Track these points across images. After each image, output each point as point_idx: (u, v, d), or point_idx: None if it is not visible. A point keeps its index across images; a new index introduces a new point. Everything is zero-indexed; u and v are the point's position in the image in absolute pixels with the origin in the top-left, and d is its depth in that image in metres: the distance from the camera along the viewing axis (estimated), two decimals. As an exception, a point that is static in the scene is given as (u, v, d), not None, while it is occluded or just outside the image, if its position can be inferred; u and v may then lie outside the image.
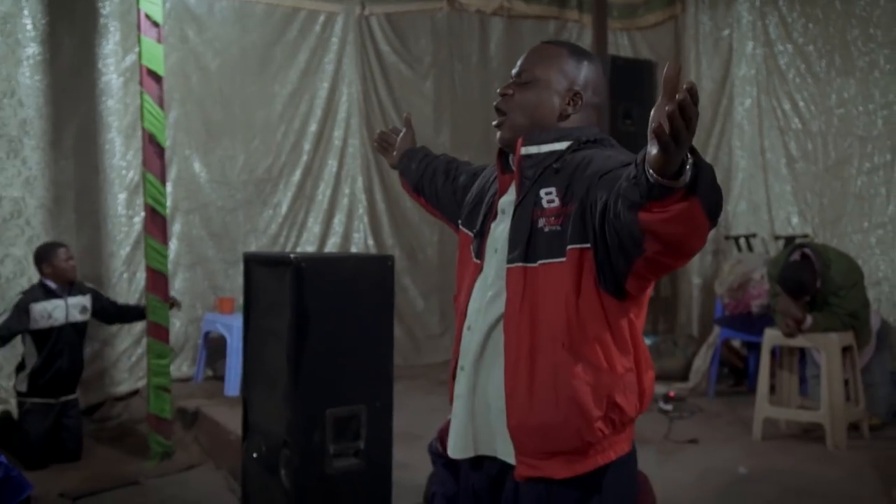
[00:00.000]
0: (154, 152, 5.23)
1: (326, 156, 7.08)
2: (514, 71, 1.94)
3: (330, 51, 7.06)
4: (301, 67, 6.94)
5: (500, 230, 1.91)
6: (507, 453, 1.87)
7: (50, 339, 5.16)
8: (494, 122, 1.94)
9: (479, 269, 1.95)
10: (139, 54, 5.15)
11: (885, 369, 5.18)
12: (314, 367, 3.14)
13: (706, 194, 1.47)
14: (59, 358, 5.24)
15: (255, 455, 3.37)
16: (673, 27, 7.34)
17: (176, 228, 6.44)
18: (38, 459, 5.09)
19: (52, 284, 5.19)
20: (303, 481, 3.14)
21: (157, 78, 5.16)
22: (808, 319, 4.71)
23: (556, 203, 1.80)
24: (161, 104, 5.22)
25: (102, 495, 4.76)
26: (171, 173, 6.31)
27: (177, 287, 6.39)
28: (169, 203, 6.12)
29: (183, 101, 6.42)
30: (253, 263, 3.41)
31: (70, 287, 5.27)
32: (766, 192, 6.62)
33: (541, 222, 1.81)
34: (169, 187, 6.19)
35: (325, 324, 3.15)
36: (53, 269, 5.17)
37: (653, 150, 1.41)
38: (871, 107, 5.98)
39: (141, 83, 5.16)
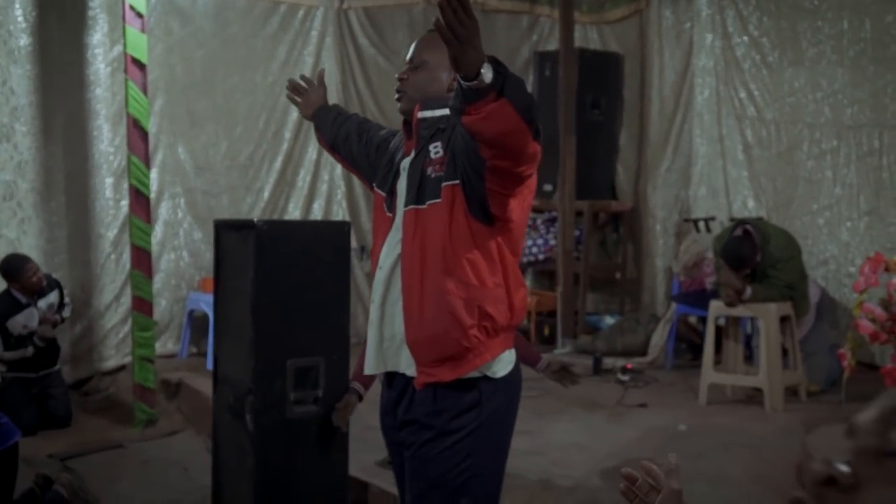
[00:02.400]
0: (138, 136, 5.56)
1: (306, 144, 7.39)
2: (407, 57, 2.32)
3: (309, 43, 7.38)
4: (281, 59, 7.26)
5: (401, 185, 2.28)
6: (409, 367, 2.23)
7: (27, 340, 5.49)
8: (396, 97, 2.31)
9: (392, 221, 2.29)
10: (124, 44, 5.47)
11: (825, 339, 5.51)
12: (275, 321, 3.44)
13: (514, 95, 1.81)
14: (38, 355, 5.57)
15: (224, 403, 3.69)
16: (638, 21, 7.66)
17: (161, 212, 6.75)
18: (28, 426, 5.40)
19: (20, 297, 5.49)
20: (266, 425, 3.44)
21: (140, 66, 5.49)
22: (748, 290, 5.04)
23: (441, 153, 2.17)
24: (145, 91, 5.55)
25: (88, 457, 5.09)
26: (157, 159, 6.63)
27: (162, 268, 6.72)
28: (155, 188, 6.46)
29: (168, 90, 6.74)
30: (222, 228, 3.72)
31: (39, 292, 5.57)
32: (725, 177, 6.93)
33: (429, 170, 2.18)
34: (155, 173, 6.52)
35: (285, 282, 3.45)
36: (21, 286, 5.48)
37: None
38: (818, 95, 6.30)
39: (126, 71, 5.48)
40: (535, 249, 7.63)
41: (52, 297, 5.66)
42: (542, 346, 6.96)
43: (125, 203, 6.45)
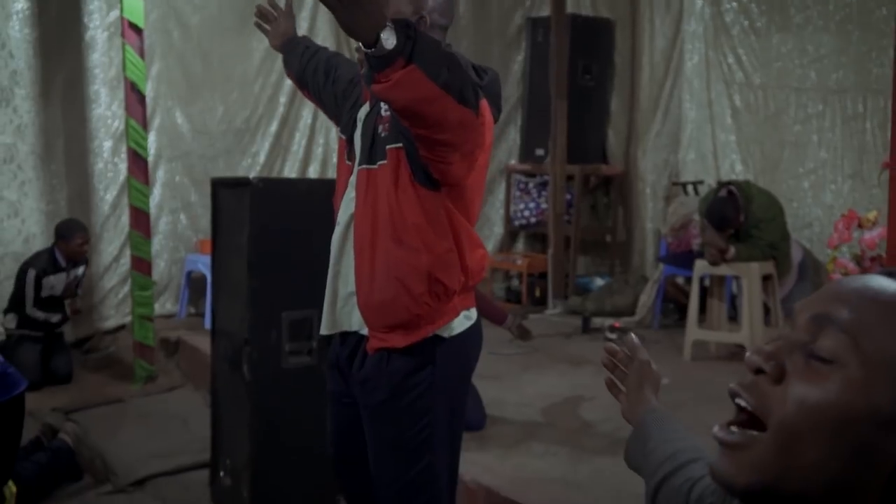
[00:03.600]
0: (136, 100, 5.66)
1: (301, 108, 7.47)
2: None
3: (304, 8, 7.42)
4: (277, 24, 7.32)
5: (357, 137, 2.19)
6: (362, 327, 2.18)
7: (51, 303, 5.67)
8: (355, 46, 2.12)
9: (351, 171, 2.21)
10: (121, 8, 5.56)
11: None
12: (270, 275, 3.58)
13: (425, 61, 1.67)
14: (50, 316, 5.73)
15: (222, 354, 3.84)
16: (629, -13, 7.74)
17: (160, 175, 6.86)
18: (33, 382, 5.56)
19: (61, 259, 5.66)
20: (262, 375, 3.60)
21: (137, 30, 5.58)
22: (731, 250, 5.18)
23: (390, 111, 2.03)
24: (142, 55, 5.65)
25: (91, 410, 5.25)
26: (155, 123, 6.73)
27: (160, 230, 6.85)
28: (152, 151, 6.57)
29: (164, 55, 6.81)
30: (219, 186, 3.85)
31: (75, 261, 5.76)
32: (713, 141, 7.05)
33: (380, 129, 2.08)
34: (152, 137, 6.63)
35: (280, 237, 3.59)
36: (66, 248, 5.65)
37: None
38: (805, 60, 6.41)
39: (123, 35, 5.58)
40: (526, 213, 7.77)
41: (79, 270, 5.82)
42: (534, 307, 7.12)
43: (124, 166, 6.56)
